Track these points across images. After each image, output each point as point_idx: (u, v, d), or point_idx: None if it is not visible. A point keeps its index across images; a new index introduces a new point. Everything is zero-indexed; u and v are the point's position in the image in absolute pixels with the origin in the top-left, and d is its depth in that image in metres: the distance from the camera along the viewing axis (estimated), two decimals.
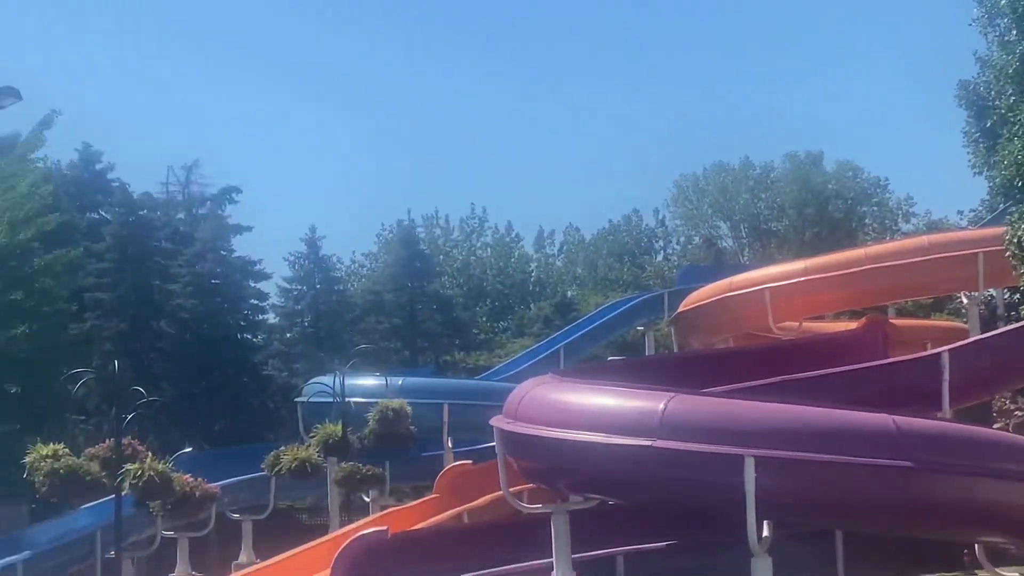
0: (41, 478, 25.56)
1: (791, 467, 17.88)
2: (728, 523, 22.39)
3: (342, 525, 33.38)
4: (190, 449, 38.25)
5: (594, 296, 69.75)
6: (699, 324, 37.13)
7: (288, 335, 60.15)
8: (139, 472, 25.28)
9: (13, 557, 29.57)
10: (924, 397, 22.87)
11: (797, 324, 34.20)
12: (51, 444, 26.42)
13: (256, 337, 57.31)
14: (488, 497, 29.62)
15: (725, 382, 22.98)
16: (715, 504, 19.16)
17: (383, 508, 34.83)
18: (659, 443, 18.26)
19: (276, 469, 33.33)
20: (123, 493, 26.02)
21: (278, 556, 24.74)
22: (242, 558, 35.81)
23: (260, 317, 58.49)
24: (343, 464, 32.72)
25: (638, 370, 25.73)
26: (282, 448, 34.01)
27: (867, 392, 22.10)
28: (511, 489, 21.59)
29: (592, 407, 19.53)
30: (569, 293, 74.47)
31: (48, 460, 25.73)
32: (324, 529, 35.91)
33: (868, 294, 33.72)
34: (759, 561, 18.30)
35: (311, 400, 36.89)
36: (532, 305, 74.19)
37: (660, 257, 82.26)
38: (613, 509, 23.27)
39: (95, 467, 25.76)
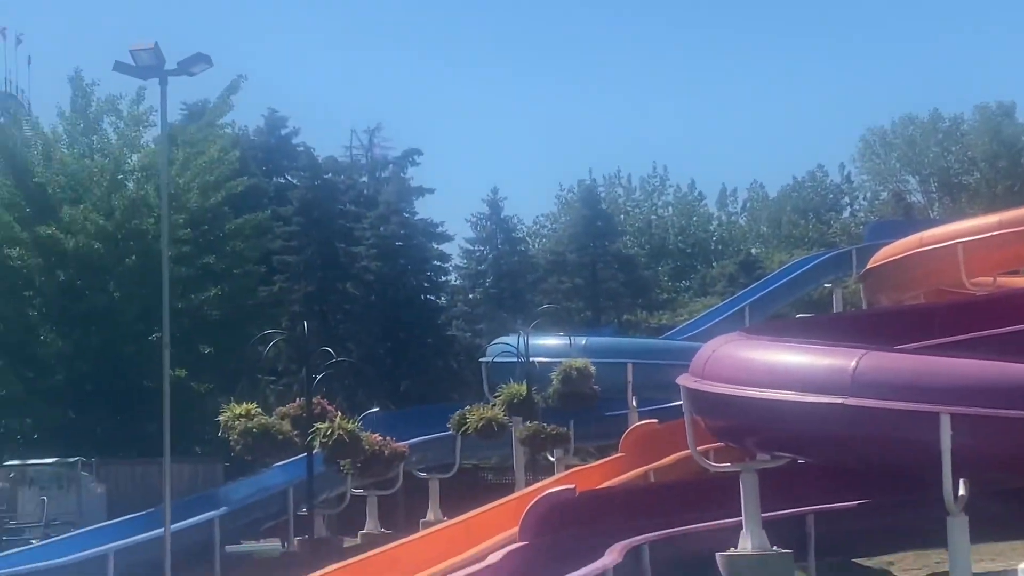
0: (235, 437, 26.08)
1: (988, 424, 17.41)
2: (920, 482, 22.09)
3: (527, 484, 33.53)
4: (377, 409, 38.76)
5: (778, 254, 68.90)
6: (889, 280, 36.40)
7: (471, 296, 60.54)
8: (329, 431, 25.66)
9: (210, 513, 30.29)
10: None
11: (991, 279, 33.29)
12: (244, 404, 26.95)
13: (439, 298, 57.71)
14: (674, 456, 29.48)
15: (917, 339, 22.44)
16: (908, 462, 18.79)
17: (567, 467, 34.88)
18: (850, 401, 17.96)
19: (462, 429, 33.61)
20: (313, 451, 26.51)
21: (465, 514, 24.88)
22: (429, 516, 36.20)
23: (443, 279, 58.98)
24: (528, 423, 32.78)
25: (827, 327, 25.13)
26: (468, 408, 34.26)
27: None
28: (698, 448, 21.45)
29: (782, 365, 19.26)
30: (753, 251, 73.58)
31: (241, 419, 26.24)
32: (509, 488, 36.13)
33: None
34: (955, 520, 17.90)
35: (495, 360, 37.03)
36: (715, 264, 73.53)
37: (846, 213, 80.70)
38: (803, 467, 22.92)
39: (286, 426, 26.23)
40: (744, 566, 20.08)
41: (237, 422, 26.00)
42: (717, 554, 20.48)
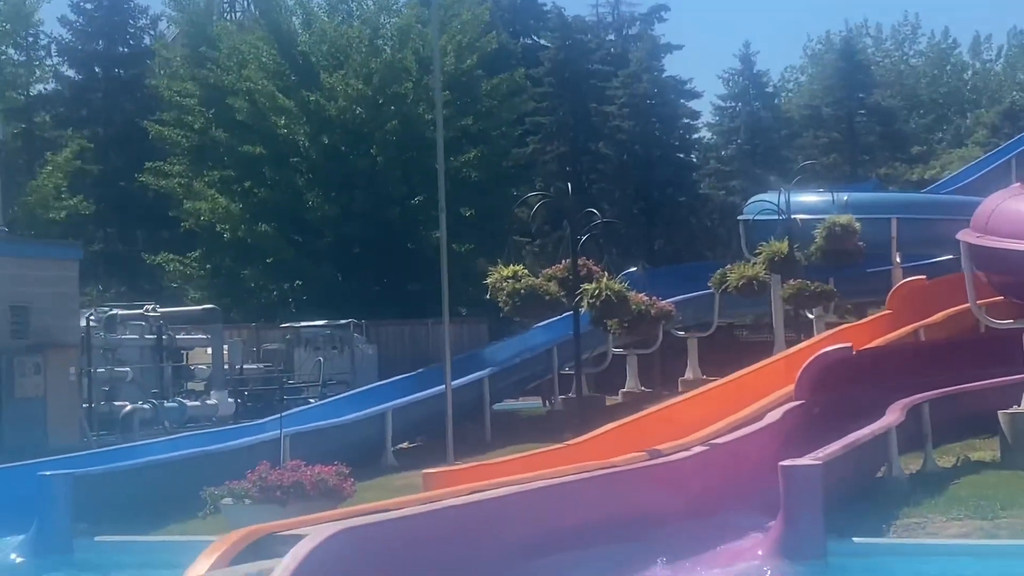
0: (503, 298, 26.39)
1: None
2: None
3: (787, 342, 33.29)
4: (635, 268, 38.79)
5: None
6: None
7: (723, 153, 59.79)
8: (596, 292, 25.76)
9: (480, 372, 30.86)
10: None
11: None
12: (510, 266, 27.28)
13: (691, 157, 57.15)
14: (944, 313, 28.88)
15: None
16: None
17: (827, 325, 34.49)
18: None
19: (723, 287, 33.46)
20: (580, 311, 26.68)
21: (734, 373, 24.80)
22: (688, 374, 36.38)
23: (693, 136, 58.35)
24: (791, 281, 32.37)
25: None
26: (728, 266, 34.03)
27: None
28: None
29: None
30: (1007, 100, 70.55)
31: (509, 281, 26.56)
32: (766, 346, 35.94)
33: None
34: None
35: (755, 218, 36.59)
36: (969, 114, 70.93)
37: None
38: None
39: (553, 287, 26.40)
40: None
41: (505, 283, 26.29)
42: (999, 412, 20.13)
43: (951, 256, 39.29)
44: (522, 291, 25.45)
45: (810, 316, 37.24)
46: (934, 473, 18.95)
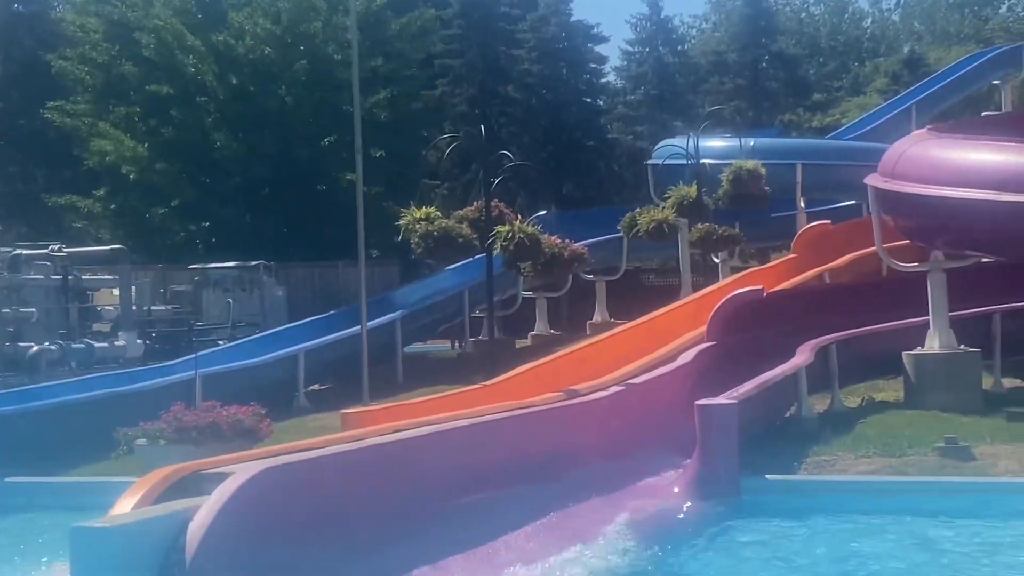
0: (416, 240, 26.40)
1: None
2: None
3: (693, 286, 33.66)
4: (544, 212, 38.96)
5: (934, 51, 66.99)
6: None
7: (631, 98, 60.14)
8: (510, 234, 25.79)
9: (391, 315, 30.89)
10: None
11: None
12: (423, 207, 27.25)
13: (599, 101, 57.42)
14: (848, 257, 29.35)
15: None
16: None
17: (732, 269, 34.86)
18: None
19: (633, 231, 33.64)
20: (493, 254, 26.70)
21: (647, 315, 25.04)
22: (596, 317, 36.64)
23: (601, 81, 58.60)
24: (699, 225, 32.65)
25: (1014, 125, 24.57)
26: (638, 210, 34.21)
27: None
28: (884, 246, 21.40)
29: (978, 163, 18.99)
30: (906, 49, 71.43)
31: (422, 223, 26.55)
32: (671, 289, 36.30)
33: None
34: None
35: (665, 163, 36.80)
36: (867, 63, 71.79)
37: (1003, 8, 77.97)
38: (986, 267, 22.69)
39: (466, 229, 26.40)
40: (931, 364, 20.13)
41: (418, 225, 26.26)
42: (904, 353, 20.54)
43: (853, 201, 40.11)
44: (435, 233, 25.41)
45: (716, 260, 37.69)
46: (841, 413, 19.30)
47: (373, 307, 30.97)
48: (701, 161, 33.76)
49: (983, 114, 40.19)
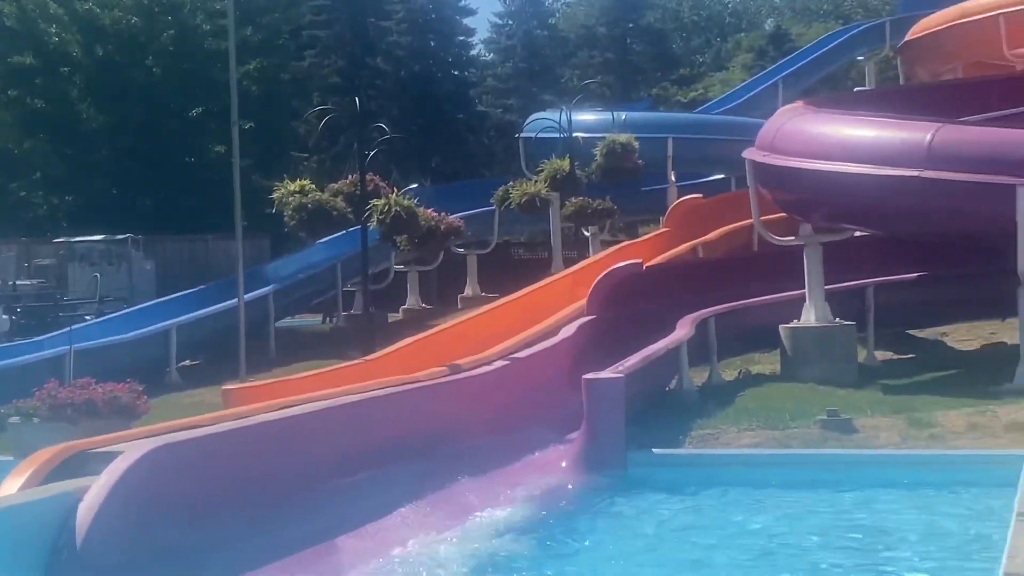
0: (290, 212, 26.16)
1: None
2: (977, 255, 22.28)
3: (565, 260, 33.74)
4: (416, 185, 38.78)
5: (795, 26, 67.92)
6: (928, 53, 35.61)
7: (500, 71, 60.05)
8: (386, 207, 25.63)
9: (264, 289, 30.46)
10: None
11: None
12: (297, 180, 27.02)
13: (468, 74, 57.23)
14: (720, 231, 29.58)
15: (972, 112, 22.39)
16: (980, 233, 18.93)
17: (603, 243, 35.00)
18: (927, 173, 18.00)
19: (505, 204, 33.58)
20: (369, 227, 26.52)
21: (525, 288, 24.99)
22: (468, 291, 36.58)
23: (471, 54, 58.42)
24: (573, 199, 32.70)
25: (886, 101, 24.84)
26: (511, 183, 34.16)
27: None
28: (762, 219, 21.59)
29: (856, 138, 19.24)
30: (768, 24, 72.27)
31: (296, 195, 26.30)
32: (541, 263, 36.35)
33: None
34: None
35: (539, 135, 36.74)
36: (729, 38, 72.52)
37: None
38: (860, 241, 23.00)
39: (340, 202, 26.22)
40: (807, 337, 20.37)
41: (291, 198, 26.01)
42: (780, 327, 20.75)
43: (723, 175, 40.57)
44: (309, 206, 25.20)
45: (586, 234, 37.83)
46: (720, 385, 19.46)
47: (245, 281, 30.61)
48: (574, 135, 33.83)
49: (856, 89, 40.79)
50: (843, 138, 19.33)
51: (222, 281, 30.54)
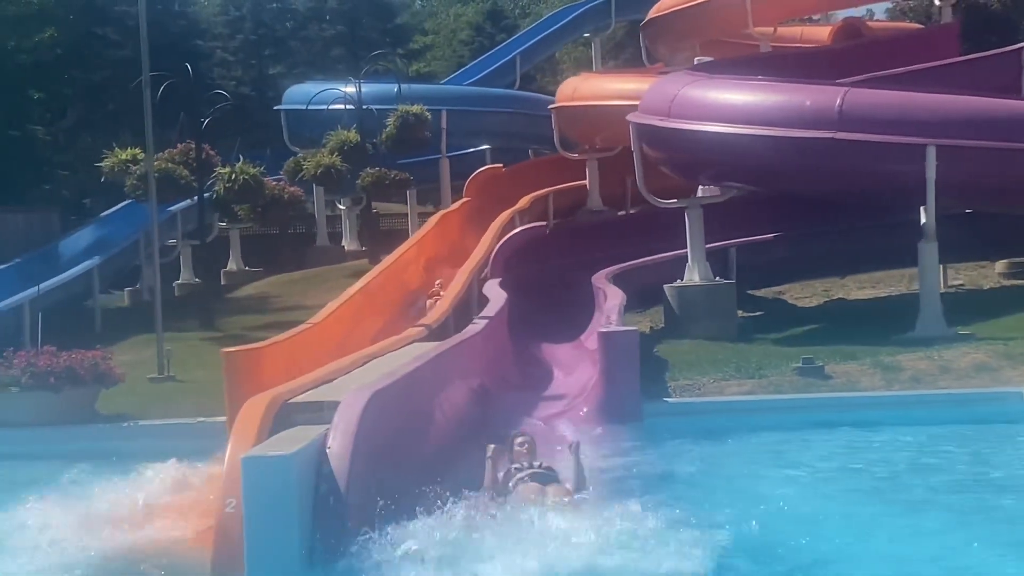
0: (133, 182, 25.49)
1: (969, 155, 18.84)
2: (818, 216, 23.56)
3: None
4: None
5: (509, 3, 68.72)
6: (671, 30, 36.12)
7: (231, 44, 58.75)
8: (232, 175, 25.22)
9: (88, 262, 29.05)
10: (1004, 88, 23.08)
11: (772, 30, 33.77)
12: (128, 149, 26.31)
13: (198, 43, 55.80)
14: (529, 197, 30.04)
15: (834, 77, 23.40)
16: (885, 192, 20.06)
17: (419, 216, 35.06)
18: (840, 135, 19.03)
19: (298, 175, 32.90)
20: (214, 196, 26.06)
21: (383, 261, 24.74)
22: (231, 266, 36.12)
23: (201, 27, 56.92)
24: (369, 169, 32.48)
25: (749, 68, 25.29)
26: (300, 154, 33.52)
27: (953, 84, 22.09)
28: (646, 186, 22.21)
29: (767, 103, 20.10)
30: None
31: (129, 164, 25.72)
32: (306, 238, 36.00)
33: None
34: (927, 245, 19.31)
35: (310, 107, 35.77)
36: (449, 12, 72.87)
37: None
38: (728, 204, 23.86)
39: (184, 170, 25.69)
40: (693, 295, 21.18)
41: (135, 167, 25.30)
42: (666, 286, 21.51)
43: (488, 146, 41.31)
44: (156, 174, 24.49)
45: (340, 207, 37.92)
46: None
47: (41, 260, 29.31)
48: (369, 107, 33.59)
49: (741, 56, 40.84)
50: (752, 102, 20.18)
51: (24, 259, 29.21)
